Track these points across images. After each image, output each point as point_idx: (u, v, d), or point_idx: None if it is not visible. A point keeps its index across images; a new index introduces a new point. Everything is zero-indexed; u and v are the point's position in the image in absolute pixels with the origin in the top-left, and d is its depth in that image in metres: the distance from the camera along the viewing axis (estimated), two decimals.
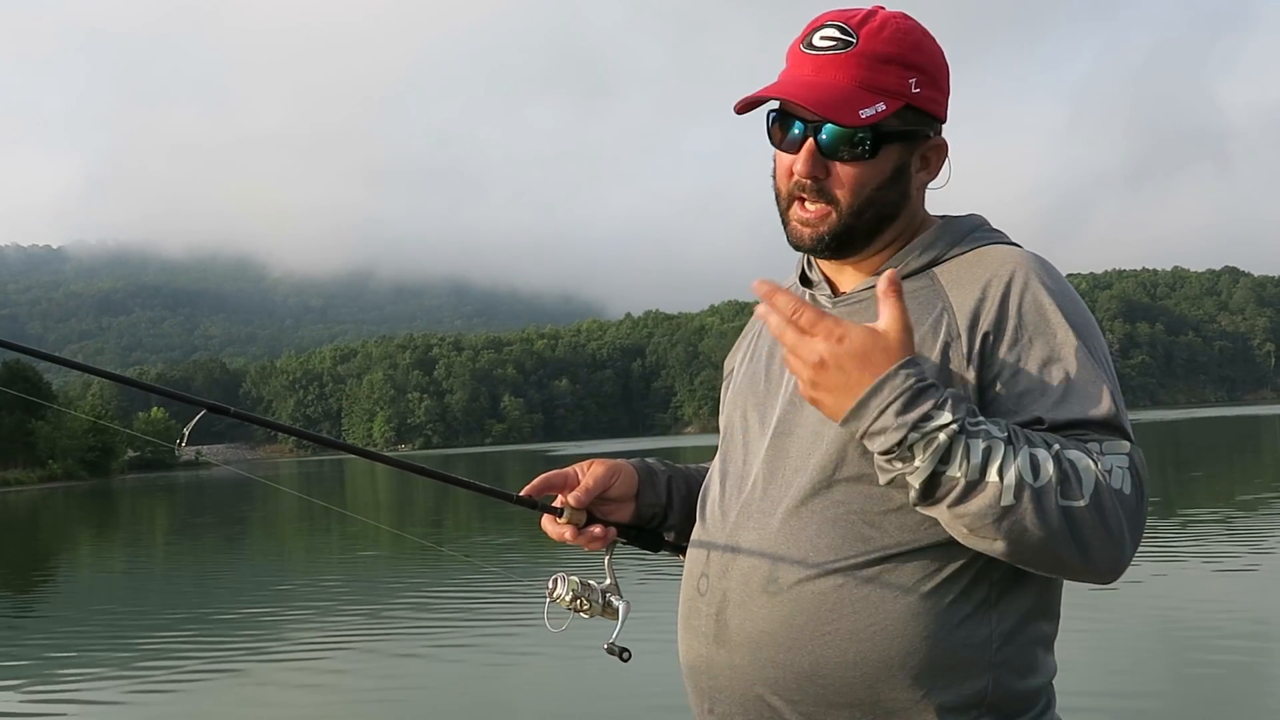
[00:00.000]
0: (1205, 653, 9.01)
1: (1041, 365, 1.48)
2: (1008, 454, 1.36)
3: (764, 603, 1.54)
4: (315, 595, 15.85)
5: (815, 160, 1.56)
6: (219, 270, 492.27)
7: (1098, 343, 1.51)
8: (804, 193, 1.59)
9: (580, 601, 1.73)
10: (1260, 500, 21.92)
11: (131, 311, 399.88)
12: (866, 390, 1.36)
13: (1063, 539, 1.36)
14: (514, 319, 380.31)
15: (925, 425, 1.35)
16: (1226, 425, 77.87)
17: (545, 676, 9.34)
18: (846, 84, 1.54)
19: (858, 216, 1.58)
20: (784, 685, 1.52)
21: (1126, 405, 1.46)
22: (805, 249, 1.63)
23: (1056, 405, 1.45)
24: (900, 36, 1.57)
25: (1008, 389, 1.48)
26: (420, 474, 1.83)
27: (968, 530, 1.40)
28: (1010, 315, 1.51)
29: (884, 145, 1.56)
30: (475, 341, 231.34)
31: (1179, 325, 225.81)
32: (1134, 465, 1.42)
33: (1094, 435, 1.43)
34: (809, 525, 1.53)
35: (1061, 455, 1.37)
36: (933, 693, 1.48)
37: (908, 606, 1.48)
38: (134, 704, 9.37)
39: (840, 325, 1.38)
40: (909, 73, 1.56)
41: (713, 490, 1.72)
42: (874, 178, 1.57)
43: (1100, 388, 1.46)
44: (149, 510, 47.76)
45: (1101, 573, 1.41)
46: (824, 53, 1.56)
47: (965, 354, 1.50)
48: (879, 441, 1.37)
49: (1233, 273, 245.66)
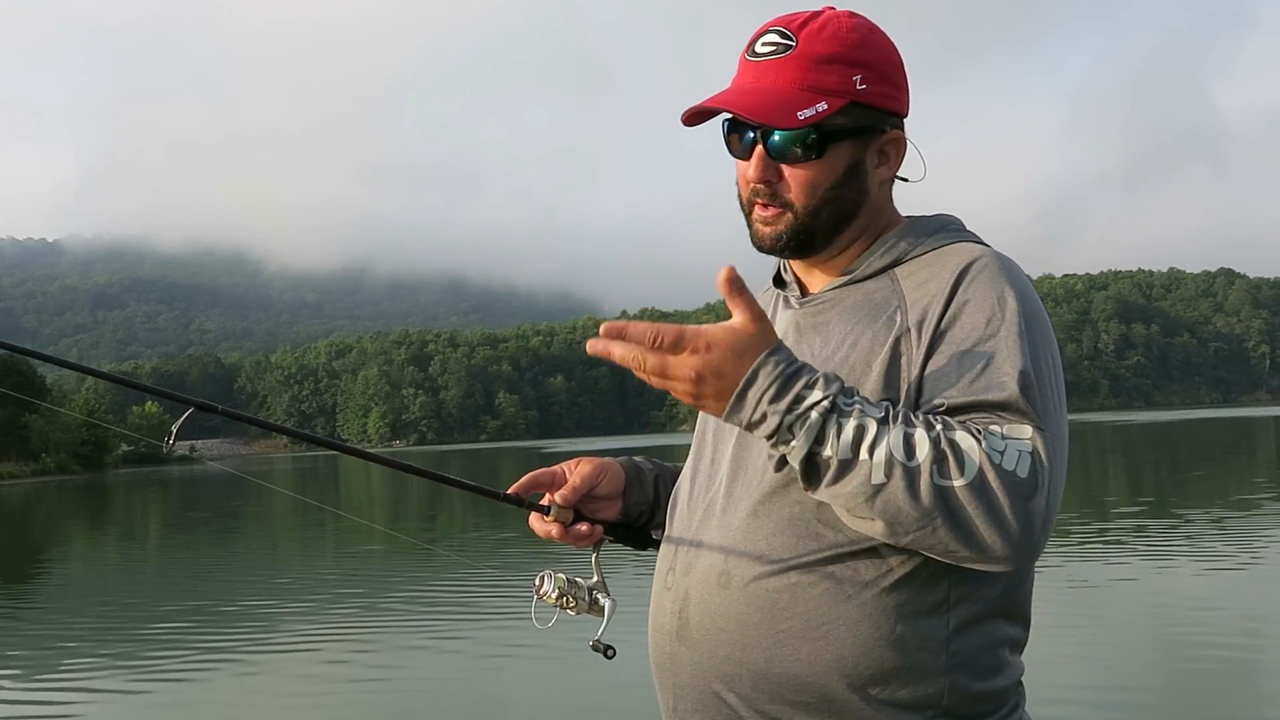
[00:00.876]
0: (1198, 651, 9.01)
1: (963, 350, 1.47)
2: (881, 432, 1.36)
3: (722, 600, 1.56)
4: (307, 590, 15.84)
5: (766, 165, 1.58)
6: (215, 265, 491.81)
7: (1037, 333, 1.49)
8: (759, 197, 1.60)
9: (566, 599, 1.73)
10: (1253, 501, 21.93)
11: (127, 305, 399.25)
12: (741, 383, 1.37)
13: (940, 519, 1.35)
14: (510, 316, 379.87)
15: (798, 406, 1.36)
16: (1221, 427, 77.90)
17: (533, 672, 9.33)
18: (785, 88, 1.55)
19: (814, 217, 1.59)
20: (739, 682, 1.53)
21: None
22: (766, 250, 1.64)
23: (960, 389, 1.44)
24: (842, 35, 1.57)
25: (931, 374, 1.48)
26: (407, 472, 1.84)
27: (847, 510, 1.41)
28: (954, 304, 1.51)
29: (831, 144, 1.57)
30: (471, 338, 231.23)
31: (1174, 327, 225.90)
32: (1035, 450, 1.38)
33: (995, 418, 1.41)
34: (766, 524, 1.54)
35: (942, 435, 1.37)
36: (886, 692, 1.48)
37: (861, 605, 1.48)
38: (126, 697, 9.36)
39: (700, 334, 1.38)
40: (853, 70, 1.56)
41: (683, 489, 1.74)
42: (826, 177, 1.58)
43: (1011, 371, 1.43)
44: (142, 504, 47.68)
45: (994, 556, 1.37)
46: (765, 59, 1.57)
47: (914, 347, 1.51)
48: (762, 429, 1.38)
49: (1228, 274, 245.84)
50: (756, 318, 1.39)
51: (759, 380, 1.37)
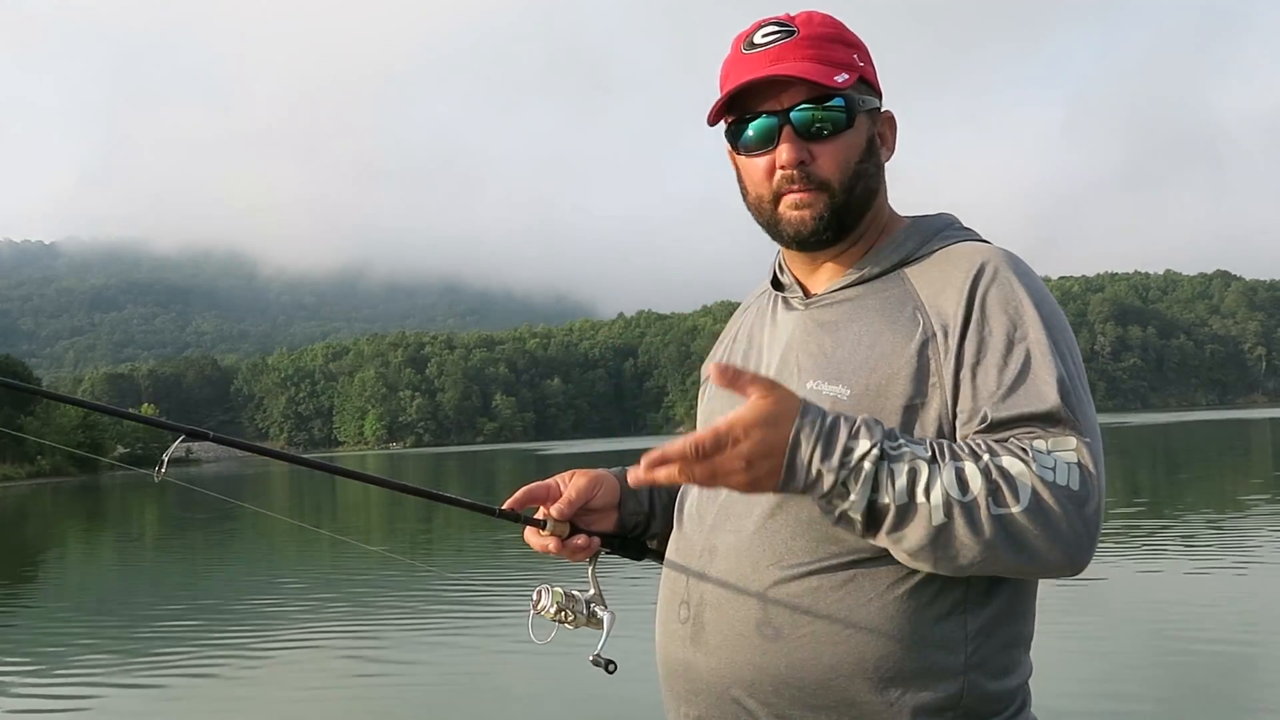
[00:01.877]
0: (1192, 652, 9.02)
1: (997, 360, 1.48)
2: (933, 472, 1.37)
3: (739, 605, 1.55)
4: (302, 596, 15.80)
5: (798, 146, 1.56)
6: (212, 267, 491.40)
7: (1060, 334, 1.51)
8: (793, 184, 1.58)
9: (565, 613, 1.71)
10: (1248, 502, 21.96)
11: (124, 307, 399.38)
12: (786, 452, 1.36)
13: (1005, 547, 1.37)
14: (507, 318, 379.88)
15: (849, 459, 1.36)
16: (1217, 429, 77.99)
17: (531, 686, 9.30)
18: (804, 64, 1.56)
19: (849, 193, 1.58)
20: (759, 687, 1.53)
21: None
22: (808, 236, 1.61)
23: (1002, 401, 1.45)
24: (831, 21, 1.61)
25: (966, 386, 1.49)
26: (401, 491, 1.83)
27: (909, 555, 1.41)
28: (976, 308, 1.51)
29: (857, 115, 1.58)
30: (467, 340, 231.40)
31: (1171, 329, 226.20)
32: (1081, 461, 1.40)
33: (1040, 431, 1.43)
34: (784, 528, 1.54)
35: (991, 465, 1.38)
36: (907, 695, 1.48)
37: (882, 609, 1.48)
38: (120, 698, 9.34)
39: (733, 425, 1.35)
40: (851, 49, 1.60)
41: (689, 496, 1.72)
42: (854, 150, 1.58)
43: (1049, 380, 1.45)
44: (138, 507, 47.60)
45: (1060, 569, 1.41)
46: (770, 45, 1.58)
47: (942, 353, 1.51)
48: (819, 488, 1.38)
49: (1224, 276, 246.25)
50: (769, 387, 1.37)
51: (803, 443, 1.36)
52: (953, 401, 1.49)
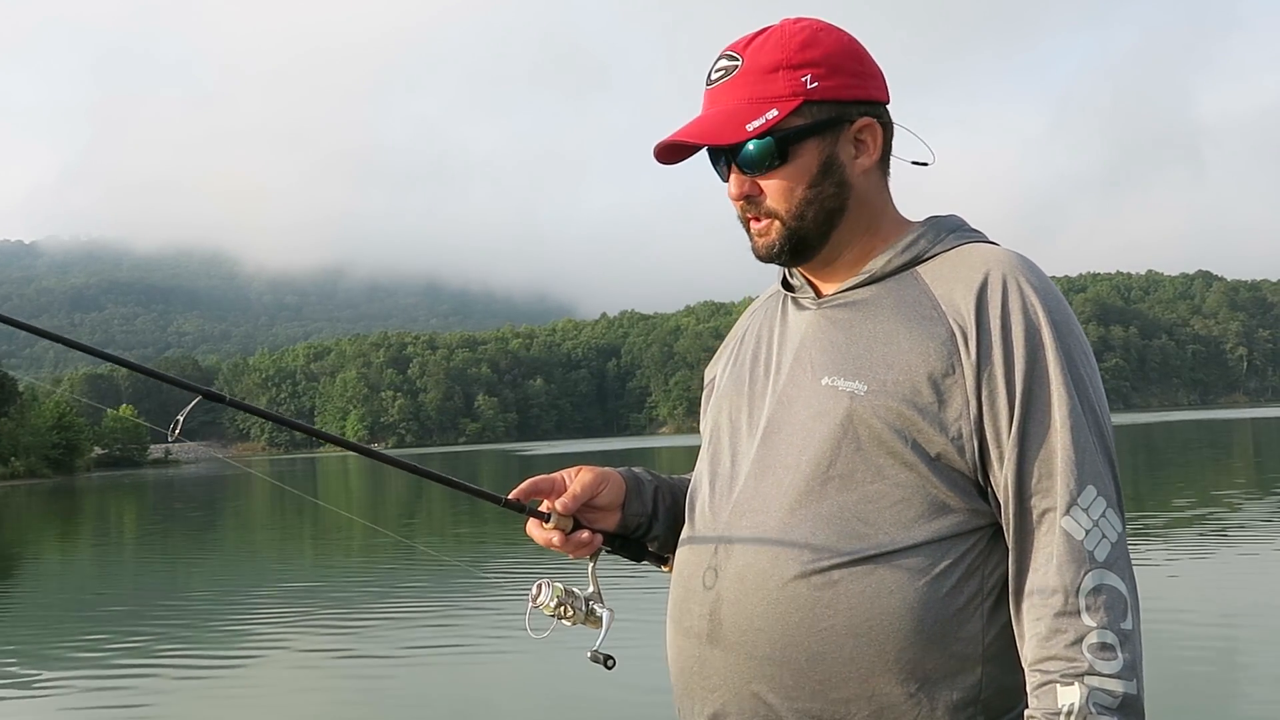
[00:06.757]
0: (1175, 648, 9.03)
1: (1015, 404, 1.50)
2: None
3: (759, 600, 1.55)
4: (288, 595, 15.73)
5: (741, 181, 1.61)
6: (193, 266, 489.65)
7: (1074, 344, 1.53)
8: (748, 213, 1.63)
9: (564, 609, 1.72)
10: (1229, 499, 22.17)
11: (104, 307, 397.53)
12: None
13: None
14: (489, 318, 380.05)
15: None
16: (1198, 429, 78.40)
17: (527, 680, 9.24)
18: (734, 105, 1.59)
19: (800, 220, 1.61)
20: (781, 682, 1.53)
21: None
22: (767, 260, 1.65)
23: (1029, 495, 1.50)
24: (784, 42, 1.59)
25: (988, 435, 1.52)
26: (415, 473, 1.84)
27: None
28: (990, 320, 1.53)
29: (793, 146, 1.59)
30: (450, 340, 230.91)
31: (1152, 329, 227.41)
32: (1126, 594, 1.52)
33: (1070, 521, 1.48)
34: (803, 522, 1.54)
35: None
36: (927, 687, 1.50)
37: (903, 601, 1.50)
38: (98, 700, 9.24)
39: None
40: (799, 72, 1.58)
41: (701, 492, 1.72)
42: (800, 179, 1.60)
43: (1065, 452, 1.49)
44: (116, 508, 47.29)
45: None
46: (718, 84, 1.62)
47: (961, 350, 1.52)
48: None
49: (1206, 277, 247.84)
50: None
51: None
52: (975, 401, 1.51)
